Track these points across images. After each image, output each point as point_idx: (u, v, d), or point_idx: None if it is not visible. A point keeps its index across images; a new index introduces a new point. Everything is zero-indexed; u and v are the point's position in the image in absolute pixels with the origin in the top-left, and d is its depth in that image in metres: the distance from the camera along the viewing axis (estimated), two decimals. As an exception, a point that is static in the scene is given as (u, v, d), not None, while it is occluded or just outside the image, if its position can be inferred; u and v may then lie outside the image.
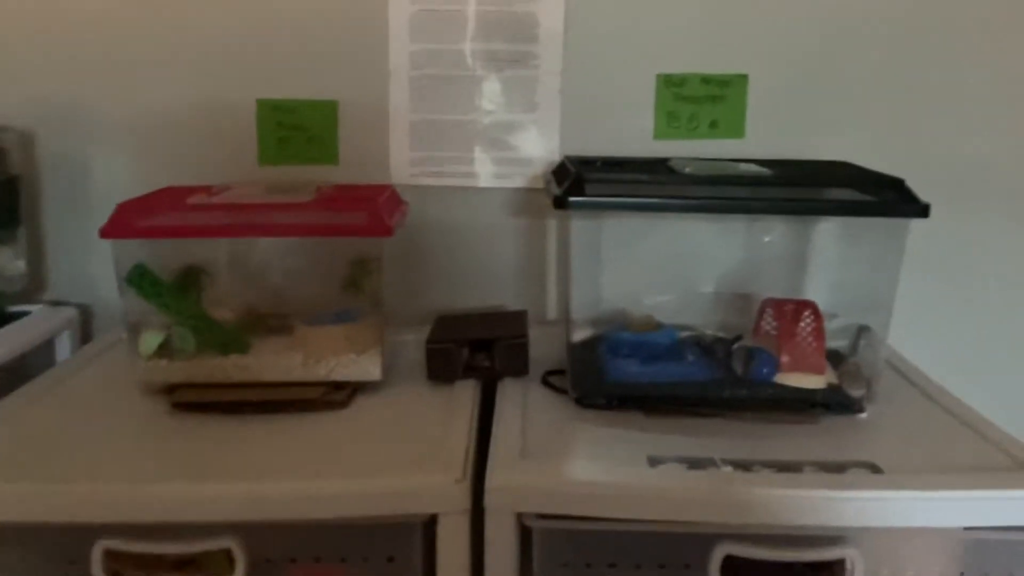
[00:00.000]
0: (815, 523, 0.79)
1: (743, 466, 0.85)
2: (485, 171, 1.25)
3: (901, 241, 0.98)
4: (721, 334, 1.14)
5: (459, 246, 1.27)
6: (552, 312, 1.29)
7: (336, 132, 1.24)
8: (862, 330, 1.13)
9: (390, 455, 0.86)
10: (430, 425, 0.94)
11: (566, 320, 1.05)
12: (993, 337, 1.30)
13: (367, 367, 1.03)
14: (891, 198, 0.97)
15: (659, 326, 1.10)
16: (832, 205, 0.95)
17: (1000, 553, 0.81)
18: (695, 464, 0.84)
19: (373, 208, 1.01)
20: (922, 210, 0.95)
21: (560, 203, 0.95)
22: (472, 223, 1.27)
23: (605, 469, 0.83)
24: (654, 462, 0.85)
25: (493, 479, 0.79)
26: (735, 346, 1.08)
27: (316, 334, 1.05)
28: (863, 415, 0.99)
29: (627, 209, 0.95)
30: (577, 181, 0.96)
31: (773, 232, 1.22)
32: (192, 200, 1.04)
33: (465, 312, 1.16)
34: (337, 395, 1.01)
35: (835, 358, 1.06)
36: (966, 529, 0.81)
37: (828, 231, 1.17)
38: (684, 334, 1.12)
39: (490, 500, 0.79)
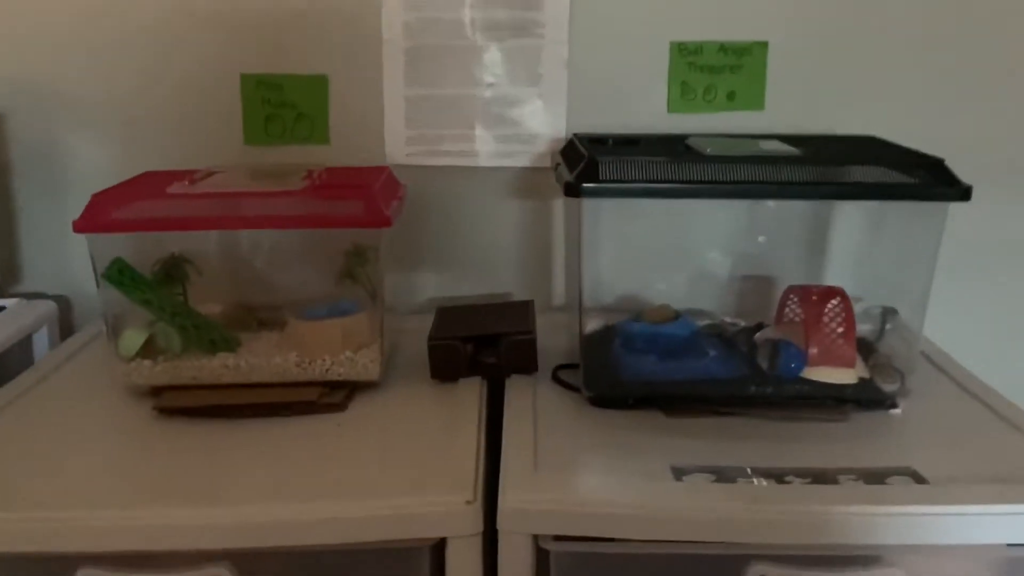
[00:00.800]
0: (856, 542, 0.73)
1: (775, 476, 0.78)
2: (487, 149, 1.17)
3: (939, 226, 0.91)
4: (740, 322, 1.08)
5: (459, 229, 1.20)
6: (559, 298, 1.22)
7: (327, 109, 1.16)
8: (888, 313, 1.06)
9: (394, 470, 0.80)
10: (435, 432, 0.87)
11: (579, 312, 0.98)
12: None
13: (366, 366, 0.96)
14: (930, 180, 0.89)
15: (676, 316, 1.03)
16: (870, 189, 0.87)
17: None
18: (723, 475, 0.78)
19: (369, 196, 0.94)
20: (963, 193, 0.88)
21: (573, 190, 0.87)
22: (473, 205, 1.19)
23: (627, 483, 0.77)
24: (679, 473, 0.79)
25: (506, 499, 0.73)
26: (758, 336, 1.02)
27: (310, 330, 0.98)
28: (896, 411, 0.93)
29: (647, 196, 0.88)
30: (590, 165, 0.88)
31: (792, 210, 1.15)
32: (173, 188, 0.96)
33: (467, 304, 1.09)
34: (334, 396, 0.94)
35: (863, 347, 0.99)
36: (1010, 545, 0.75)
37: (853, 210, 1.10)
38: (702, 323, 1.06)
39: (504, 523, 0.73)
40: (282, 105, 1.15)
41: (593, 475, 0.78)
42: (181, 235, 0.97)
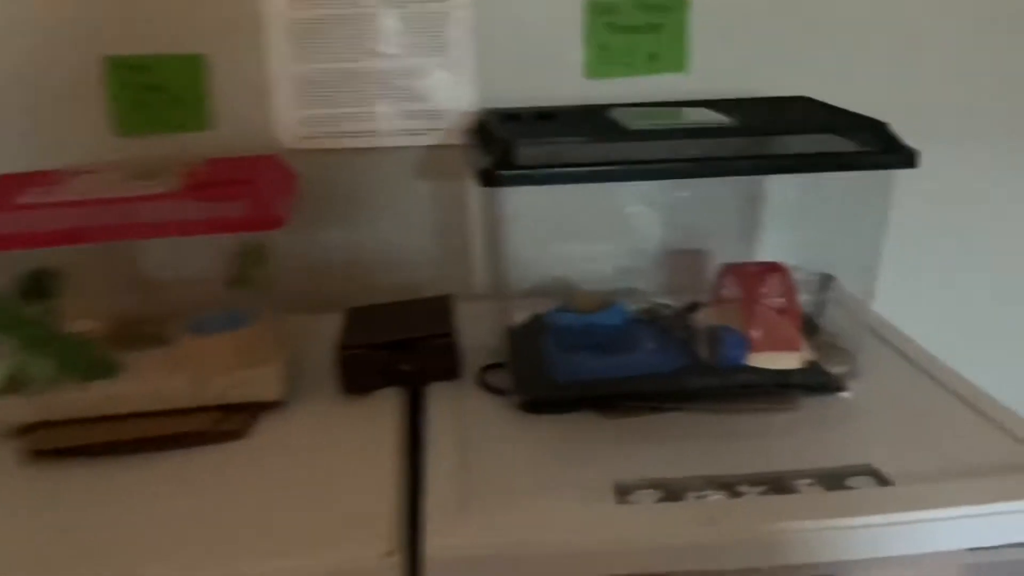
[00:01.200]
0: (821, 560, 0.66)
1: (727, 487, 0.71)
2: (390, 127, 1.06)
3: (885, 193, 0.84)
4: (673, 303, 1.00)
5: (365, 217, 1.09)
6: (480, 284, 1.12)
7: (205, 92, 1.03)
8: (825, 280, 1.00)
9: (301, 514, 0.70)
10: (348, 459, 0.77)
11: (501, 305, 0.89)
12: (981, 300, 1.19)
13: (266, 384, 0.86)
14: (873, 145, 0.82)
15: (607, 303, 0.95)
16: (811, 161, 0.80)
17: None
18: (671, 491, 0.71)
19: (255, 193, 0.83)
20: (907, 159, 0.81)
21: (488, 180, 0.78)
22: (379, 189, 1.08)
23: (568, 513, 0.68)
24: (623, 492, 0.71)
25: (431, 549, 0.64)
26: (696, 316, 0.94)
27: (201, 347, 0.87)
28: (846, 394, 0.87)
29: (569, 182, 0.78)
30: (506, 150, 0.78)
31: (725, 179, 1.07)
32: (26, 197, 0.83)
33: (380, 303, 0.99)
34: (231, 423, 0.84)
35: (806, 325, 0.93)
36: (971, 550, 0.69)
37: (791, 176, 1.03)
38: (635, 307, 0.98)
39: None
40: (153, 89, 1.02)
41: (529, 504, 0.69)
42: (43, 247, 0.84)
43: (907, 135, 0.82)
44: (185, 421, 0.83)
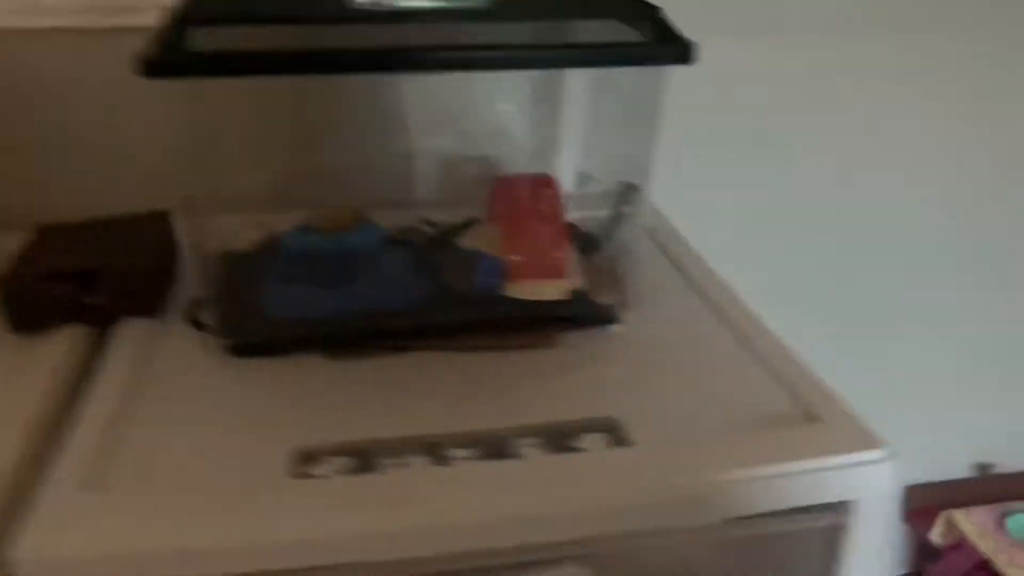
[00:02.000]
0: (533, 541, 0.55)
1: (434, 452, 0.59)
2: (95, 4, 0.86)
3: (657, 88, 0.70)
4: (445, 220, 0.87)
5: (71, 115, 0.90)
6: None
7: None
8: (628, 192, 0.88)
9: None
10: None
11: (193, 223, 0.73)
12: (770, 197, 1.07)
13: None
14: (646, 34, 0.68)
15: (357, 221, 0.80)
16: (570, 55, 0.65)
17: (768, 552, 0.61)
18: (366, 459, 0.58)
19: None
20: (681, 53, 0.67)
21: (152, 69, 0.61)
22: (86, 81, 0.89)
23: (215, 495, 0.54)
24: (305, 460, 0.58)
25: (21, 546, 0.50)
26: (463, 235, 0.81)
27: None
28: (616, 328, 0.76)
29: (257, 74, 0.62)
30: (174, 32, 0.62)
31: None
32: None
33: (77, 221, 0.81)
34: None
35: (585, 245, 0.81)
36: (725, 522, 0.59)
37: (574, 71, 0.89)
38: (394, 228, 0.83)
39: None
40: None
41: (174, 486, 0.56)
42: None
43: (688, 24, 0.68)
44: None
